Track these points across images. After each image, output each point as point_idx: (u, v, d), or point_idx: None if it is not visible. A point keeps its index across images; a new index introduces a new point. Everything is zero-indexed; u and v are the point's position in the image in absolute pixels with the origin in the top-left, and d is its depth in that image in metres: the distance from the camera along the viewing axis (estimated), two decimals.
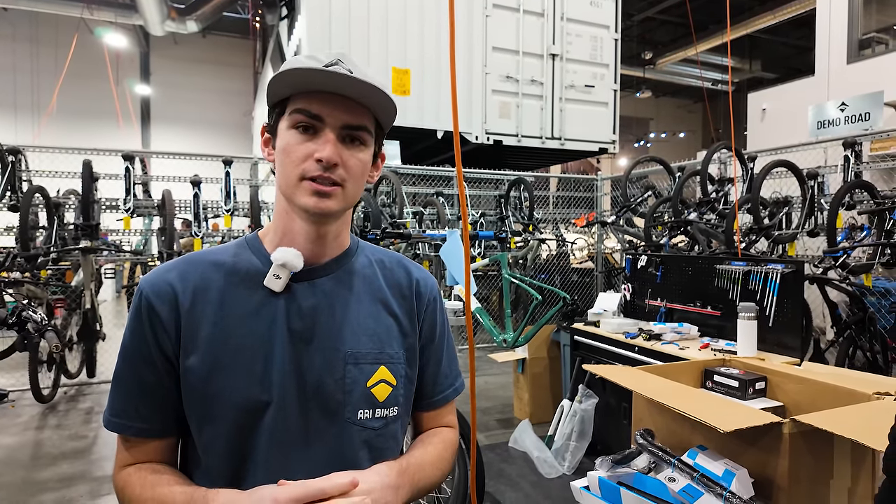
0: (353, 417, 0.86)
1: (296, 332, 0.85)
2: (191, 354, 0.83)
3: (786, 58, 14.90)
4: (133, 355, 0.85)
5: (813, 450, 1.32)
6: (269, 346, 0.84)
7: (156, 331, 0.83)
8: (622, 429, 2.91)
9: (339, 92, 0.82)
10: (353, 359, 0.87)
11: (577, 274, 6.74)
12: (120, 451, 0.88)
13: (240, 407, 0.82)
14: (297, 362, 0.85)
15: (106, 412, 0.87)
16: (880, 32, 8.28)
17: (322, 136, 0.83)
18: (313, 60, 0.82)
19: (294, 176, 0.83)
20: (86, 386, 4.79)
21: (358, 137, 0.85)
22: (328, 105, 0.82)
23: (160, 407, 0.85)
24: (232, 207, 5.07)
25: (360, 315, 0.91)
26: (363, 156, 0.86)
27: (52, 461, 3.25)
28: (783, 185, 4.38)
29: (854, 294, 3.26)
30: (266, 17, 9.98)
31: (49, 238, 4.36)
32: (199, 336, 0.83)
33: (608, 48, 6.84)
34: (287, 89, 0.84)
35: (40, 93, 12.47)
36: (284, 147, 0.84)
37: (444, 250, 2.49)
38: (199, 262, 0.88)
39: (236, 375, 0.82)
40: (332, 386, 0.85)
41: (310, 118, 0.82)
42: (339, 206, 0.85)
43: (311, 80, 0.81)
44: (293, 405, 0.84)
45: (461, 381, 1.06)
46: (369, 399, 0.88)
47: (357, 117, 0.84)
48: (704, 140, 18.43)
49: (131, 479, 0.84)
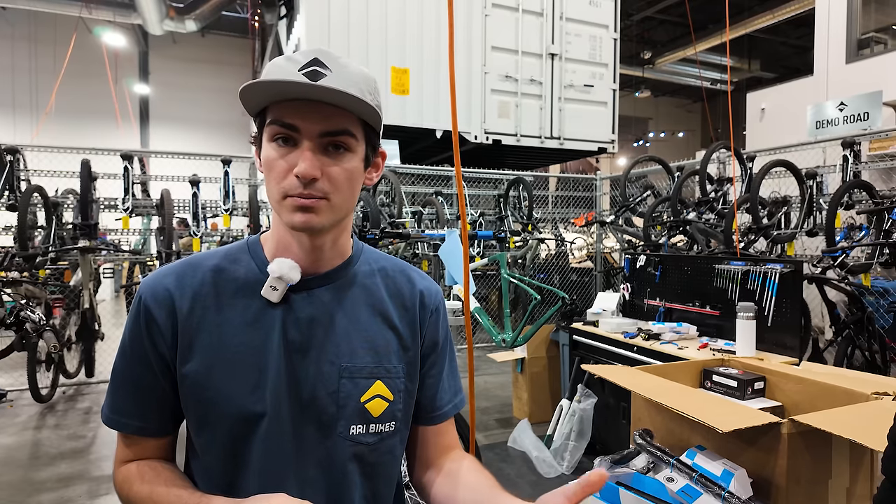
0: (345, 432, 0.85)
1: (292, 343, 0.84)
2: (187, 360, 0.82)
3: (785, 57, 14.91)
4: (131, 357, 0.85)
5: (811, 450, 1.32)
6: (264, 357, 0.83)
7: (153, 335, 0.83)
8: (621, 428, 2.91)
9: (313, 98, 0.77)
10: (348, 373, 0.85)
11: (575, 273, 6.74)
12: (120, 447, 0.89)
13: (234, 416, 0.81)
14: (292, 374, 0.83)
15: (105, 409, 0.87)
16: (879, 32, 8.29)
17: (299, 149, 0.78)
18: (291, 62, 0.77)
19: (277, 193, 0.80)
20: (84, 386, 4.78)
21: (341, 144, 0.79)
22: (302, 113, 0.77)
23: (157, 408, 0.86)
24: (231, 207, 5.06)
25: (358, 328, 0.88)
26: (349, 164, 0.81)
27: (50, 461, 3.24)
28: (782, 185, 4.38)
29: (853, 294, 3.27)
30: (265, 16, 9.95)
31: (47, 237, 4.36)
32: (196, 342, 0.83)
33: (607, 48, 6.84)
34: (261, 100, 0.79)
35: (39, 92, 12.44)
36: (266, 161, 0.80)
37: (443, 250, 2.49)
38: (199, 266, 0.87)
39: (231, 385, 0.81)
40: (326, 399, 0.84)
41: (285, 128, 0.78)
42: (327, 219, 0.81)
43: (280, 91, 0.77)
44: (287, 417, 0.83)
45: (461, 398, 1.03)
46: (363, 414, 0.86)
47: (336, 123, 0.78)
48: (703, 140, 18.44)
49: (130, 474, 0.85)
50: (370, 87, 0.80)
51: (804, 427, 1.28)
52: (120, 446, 0.89)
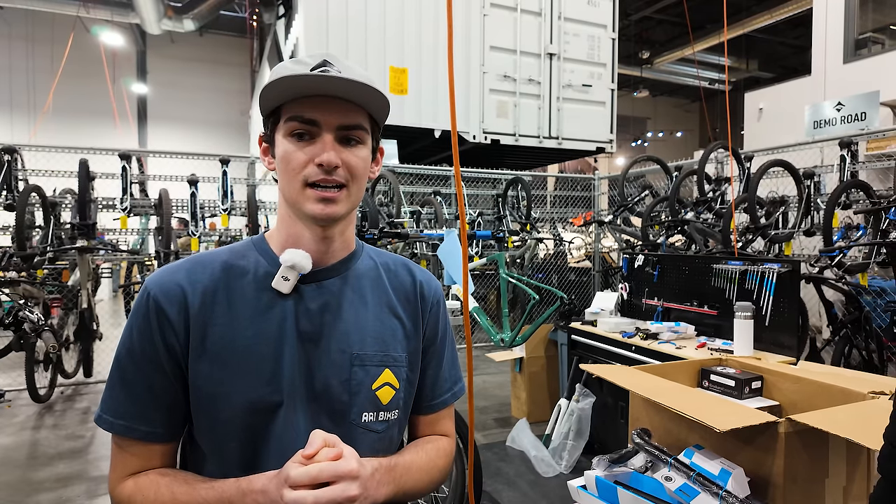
0: (357, 420, 0.87)
1: (305, 332, 0.85)
2: (200, 356, 0.82)
3: (782, 57, 14.94)
4: (139, 357, 0.83)
5: (808, 449, 1.33)
6: (278, 347, 0.84)
7: (164, 332, 0.82)
8: (619, 428, 2.92)
9: (331, 94, 0.82)
10: (360, 360, 0.88)
11: (574, 273, 6.74)
12: (118, 458, 0.84)
13: (250, 408, 0.81)
14: (306, 363, 0.85)
15: (105, 414, 0.83)
16: (876, 32, 8.31)
17: (320, 140, 0.83)
18: (300, 65, 0.82)
19: (297, 183, 0.83)
20: (82, 386, 4.78)
21: (355, 136, 0.85)
22: (321, 108, 0.82)
23: (167, 410, 0.84)
24: (229, 207, 5.06)
25: (367, 317, 0.91)
26: (363, 154, 0.87)
27: (48, 461, 3.24)
28: (780, 185, 4.39)
29: (850, 293, 3.27)
30: (263, 15, 9.95)
31: (45, 237, 4.34)
32: (209, 337, 0.83)
33: (605, 47, 6.84)
34: (278, 99, 0.83)
35: (36, 92, 12.41)
36: (283, 155, 0.84)
37: (442, 250, 2.49)
38: (208, 262, 0.88)
39: (246, 377, 0.82)
40: (338, 387, 0.86)
41: (304, 124, 0.82)
42: (346, 208, 0.86)
43: (302, 87, 0.81)
44: (302, 406, 0.84)
45: (461, 386, 1.05)
46: (374, 402, 0.88)
47: (351, 117, 0.84)
48: (701, 139, 18.47)
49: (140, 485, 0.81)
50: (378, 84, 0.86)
51: (801, 426, 1.28)
52: (118, 456, 0.84)
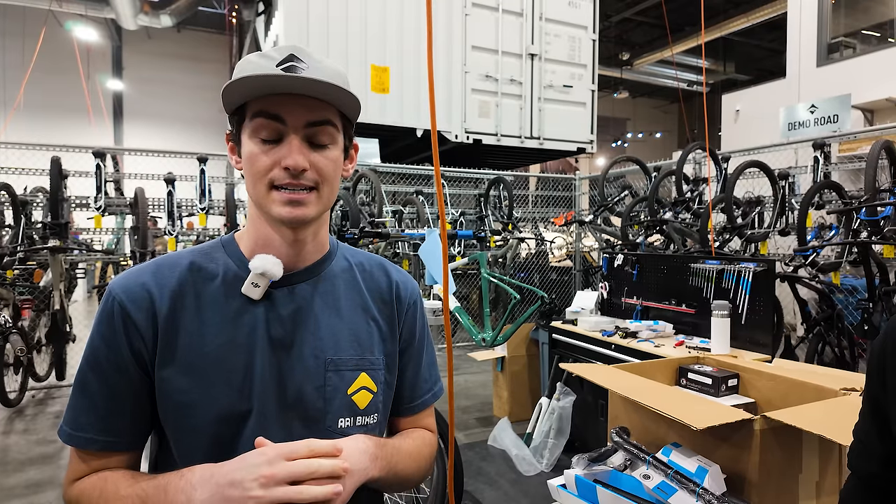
0: (333, 426, 0.84)
1: (276, 339, 0.83)
2: (167, 363, 0.79)
3: (758, 60, 15.23)
4: (103, 364, 0.79)
5: (783, 445, 1.35)
6: (249, 355, 0.81)
7: (130, 338, 0.79)
8: (599, 426, 2.94)
9: (297, 92, 0.78)
10: (334, 365, 0.85)
11: (555, 272, 6.79)
12: (75, 464, 0.81)
13: (219, 418, 0.79)
14: (277, 370, 0.82)
15: (66, 426, 0.80)
16: (848, 37, 8.52)
17: (286, 142, 0.79)
18: (266, 59, 0.78)
19: (263, 186, 0.80)
20: (55, 389, 4.66)
21: (325, 133, 0.81)
22: (287, 105, 0.78)
23: (131, 418, 0.81)
24: (207, 206, 4.98)
25: (342, 320, 0.88)
26: (333, 154, 0.83)
27: (19, 467, 3.15)
28: (756, 185, 4.47)
29: (823, 292, 3.35)
30: (242, 12, 9.81)
31: (16, 237, 4.23)
32: (177, 344, 0.79)
33: (586, 48, 6.90)
34: (243, 96, 0.79)
35: (7, 87, 12.06)
36: (249, 156, 0.80)
37: (423, 249, 2.49)
38: (175, 265, 0.84)
39: (215, 385, 0.79)
40: (313, 394, 0.83)
41: (270, 119, 0.78)
42: (316, 210, 0.82)
43: (266, 85, 0.77)
44: (273, 414, 0.81)
45: (440, 386, 1.04)
46: (350, 407, 0.86)
47: (319, 112, 0.80)
48: (680, 140, 18.74)
49: (84, 487, 0.78)
50: (345, 81, 0.82)
51: (776, 423, 1.30)
52: (75, 463, 0.80)
